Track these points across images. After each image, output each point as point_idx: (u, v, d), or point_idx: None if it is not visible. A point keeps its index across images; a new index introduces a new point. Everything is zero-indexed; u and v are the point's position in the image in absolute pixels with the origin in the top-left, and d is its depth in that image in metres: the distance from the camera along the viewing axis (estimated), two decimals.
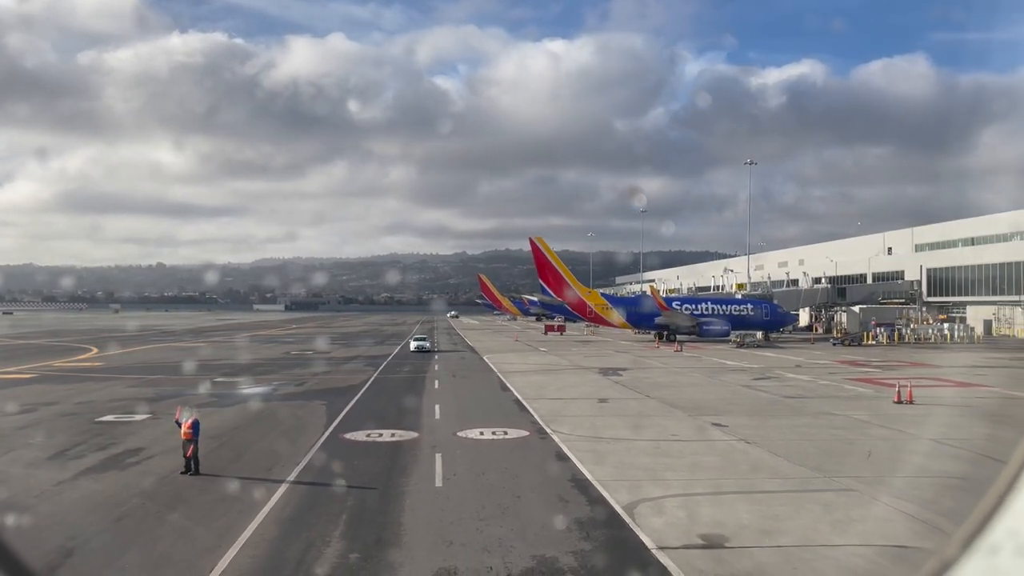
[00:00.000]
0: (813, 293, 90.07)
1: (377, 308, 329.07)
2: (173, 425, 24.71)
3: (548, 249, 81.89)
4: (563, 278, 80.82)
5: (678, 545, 12.85)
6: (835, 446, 21.68)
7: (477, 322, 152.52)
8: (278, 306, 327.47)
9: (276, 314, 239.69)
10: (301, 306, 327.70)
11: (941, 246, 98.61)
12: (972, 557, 2.16)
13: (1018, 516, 2.13)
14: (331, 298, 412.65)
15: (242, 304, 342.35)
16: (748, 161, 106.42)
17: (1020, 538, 2.10)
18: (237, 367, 48.11)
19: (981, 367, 46.89)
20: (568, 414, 27.76)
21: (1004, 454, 14.36)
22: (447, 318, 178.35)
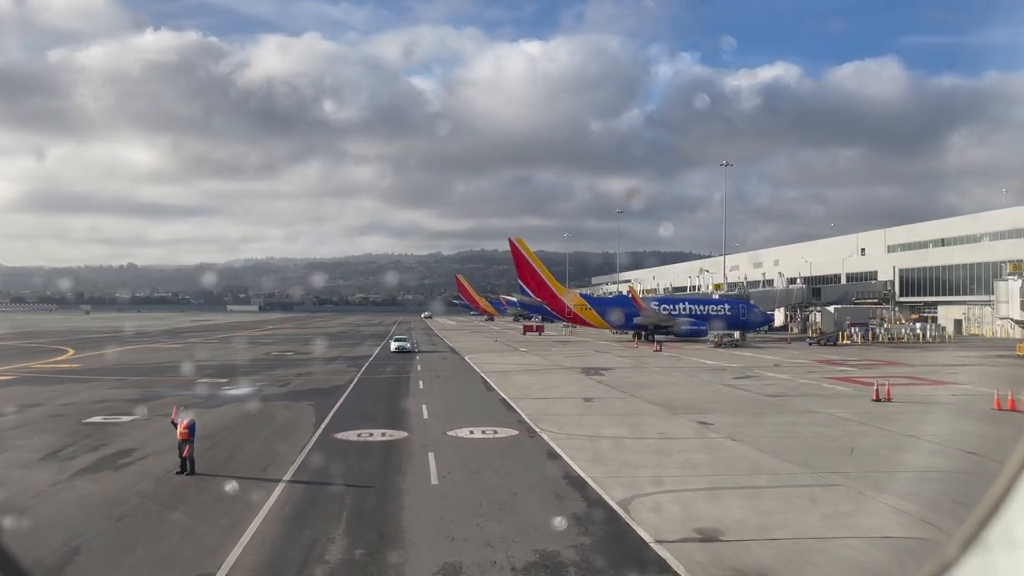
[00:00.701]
0: (788, 293, 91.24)
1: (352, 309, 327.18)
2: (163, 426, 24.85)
3: (527, 250, 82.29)
4: (542, 278, 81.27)
5: (675, 539, 13.19)
6: (819, 443, 22.19)
7: (454, 323, 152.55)
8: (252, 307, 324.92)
9: (251, 315, 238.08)
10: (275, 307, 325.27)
11: (912, 247, 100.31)
12: (970, 558, 2.16)
13: (1015, 518, 2.12)
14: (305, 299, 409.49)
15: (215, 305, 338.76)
16: (723, 163, 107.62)
17: (1017, 539, 2.09)
18: (219, 368, 47.98)
19: (953, 366, 47.88)
20: (555, 413, 28.09)
21: (979, 448, 15.02)
22: (422, 318, 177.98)
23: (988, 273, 76.81)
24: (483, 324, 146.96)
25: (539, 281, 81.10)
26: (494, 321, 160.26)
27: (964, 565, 2.18)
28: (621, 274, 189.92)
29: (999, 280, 60.10)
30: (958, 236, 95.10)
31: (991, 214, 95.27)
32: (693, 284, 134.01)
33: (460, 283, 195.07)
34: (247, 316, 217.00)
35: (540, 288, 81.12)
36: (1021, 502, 2.12)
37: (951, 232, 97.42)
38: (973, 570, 2.16)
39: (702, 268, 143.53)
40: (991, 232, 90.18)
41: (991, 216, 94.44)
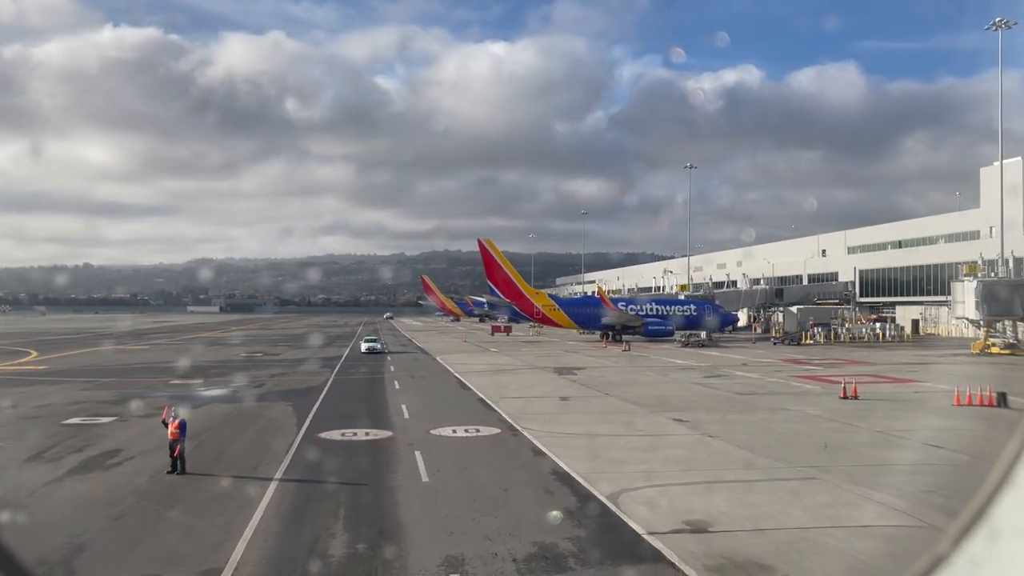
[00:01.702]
0: (752, 294, 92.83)
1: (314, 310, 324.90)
2: (145, 426, 25.02)
3: (496, 250, 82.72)
4: (511, 279, 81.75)
5: (666, 530, 13.72)
6: (793, 439, 22.95)
7: (420, 323, 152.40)
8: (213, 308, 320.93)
9: (212, 316, 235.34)
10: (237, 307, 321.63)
11: (872, 248, 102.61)
12: (962, 552, 2.19)
13: (1007, 513, 2.16)
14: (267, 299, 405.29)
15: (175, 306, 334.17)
16: (688, 165, 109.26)
17: (1007, 534, 2.13)
18: (189, 369, 47.64)
19: (913, 364, 49.30)
20: (534, 412, 28.53)
21: (943, 442, 15.80)
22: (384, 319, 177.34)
23: (944, 274, 78.92)
24: (449, 325, 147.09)
25: (508, 282, 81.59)
26: (460, 322, 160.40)
27: (956, 560, 2.20)
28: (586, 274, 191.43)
29: (955, 281, 61.87)
30: (915, 238, 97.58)
31: (946, 217, 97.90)
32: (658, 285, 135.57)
33: (426, 283, 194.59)
34: (209, 317, 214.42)
35: (509, 289, 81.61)
36: (1012, 498, 2.16)
37: (908, 234, 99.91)
38: (965, 565, 2.17)
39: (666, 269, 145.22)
40: (946, 234, 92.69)
41: (946, 219, 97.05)
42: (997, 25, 62.75)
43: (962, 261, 68.75)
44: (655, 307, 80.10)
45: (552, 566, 12.02)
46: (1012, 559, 2.12)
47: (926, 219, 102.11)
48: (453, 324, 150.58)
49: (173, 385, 38.37)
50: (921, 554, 2.36)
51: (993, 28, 63.02)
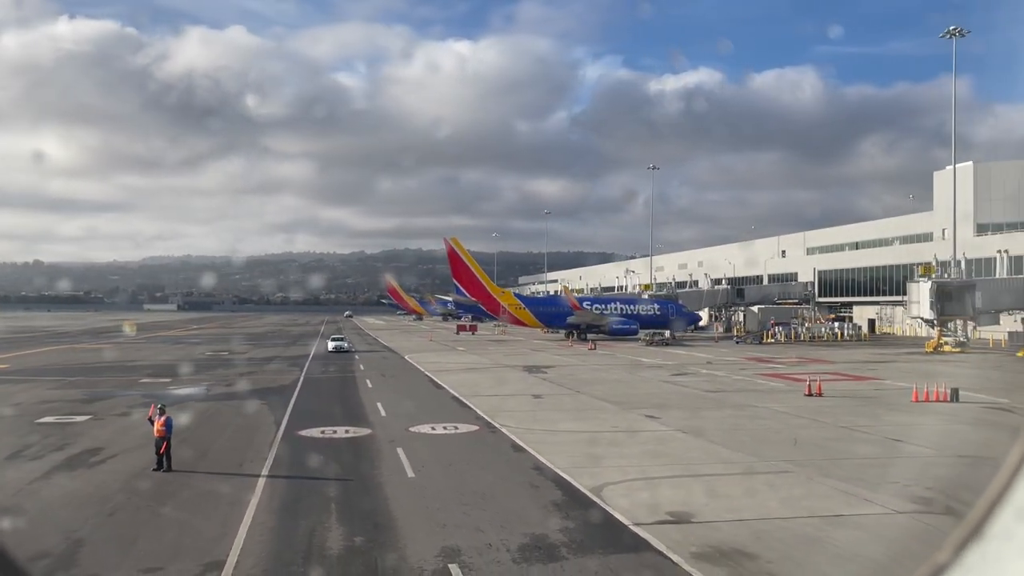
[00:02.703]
0: (714, 294, 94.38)
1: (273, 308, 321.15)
2: (122, 425, 25.06)
3: (463, 250, 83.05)
4: (477, 278, 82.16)
5: (651, 521, 14.28)
6: (763, 434, 23.74)
7: (383, 322, 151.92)
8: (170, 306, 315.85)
9: (170, 314, 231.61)
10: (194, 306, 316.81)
11: (830, 249, 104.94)
12: (963, 561, 2.19)
13: (1010, 522, 2.15)
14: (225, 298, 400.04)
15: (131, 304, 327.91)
16: (651, 166, 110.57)
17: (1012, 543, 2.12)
18: (157, 368, 47.34)
19: (872, 362, 50.74)
20: (509, 409, 28.99)
21: (904, 436, 16.70)
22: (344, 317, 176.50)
23: (899, 275, 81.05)
24: (412, 324, 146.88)
25: (474, 281, 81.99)
26: (423, 320, 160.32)
27: (956, 569, 2.20)
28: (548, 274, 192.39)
29: (911, 282, 63.67)
30: (871, 239, 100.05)
31: (901, 219, 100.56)
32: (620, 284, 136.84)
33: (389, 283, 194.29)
34: (167, 315, 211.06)
35: (475, 288, 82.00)
36: (1014, 507, 2.16)
37: (865, 235, 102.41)
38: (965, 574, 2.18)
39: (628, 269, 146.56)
40: (901, 236, 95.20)
41: (901, 221, 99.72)
42: (951, 33, 64.64)
43: (916, 262, 70.77)
44: (620, 307, 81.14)
45: (546, 555, 12.49)
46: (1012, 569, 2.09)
47: (882, 221, 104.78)
48: (416, 323, 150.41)
49: (143, 384, 38.11)
50: (921, 563, 2.36)
51: (947, 36, 64.91)
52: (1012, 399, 31.80)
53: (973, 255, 71.09)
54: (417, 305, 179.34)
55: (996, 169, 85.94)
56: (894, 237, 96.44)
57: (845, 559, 12.30)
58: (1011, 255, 71.29)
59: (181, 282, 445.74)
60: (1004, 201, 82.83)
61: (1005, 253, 71.79)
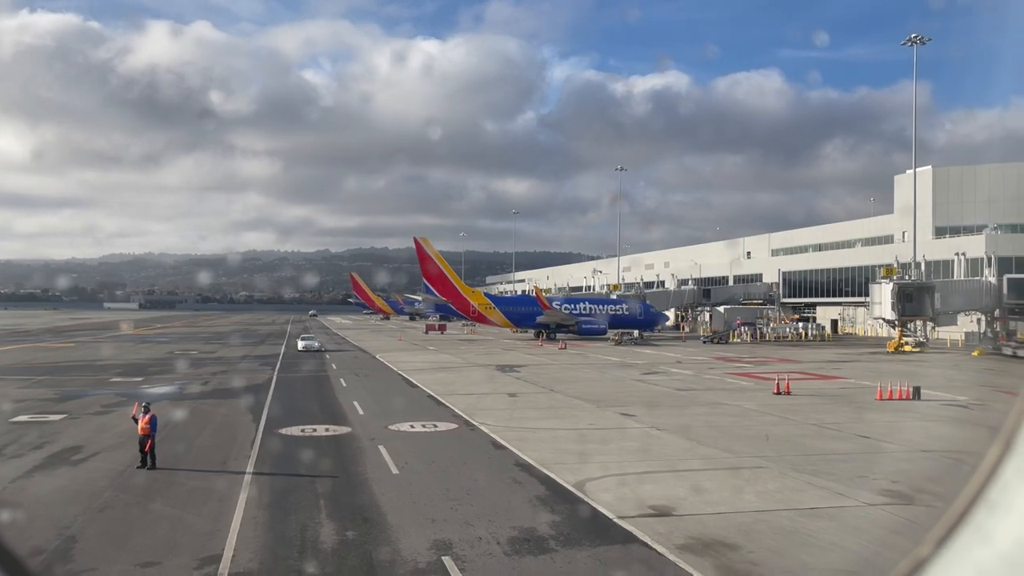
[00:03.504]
0: (681, 294, 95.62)
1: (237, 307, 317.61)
2: (99, 423, 25.03)
3: (432, 249, 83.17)
4: (447, 277, 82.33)
5: (634, 515, 14.75)
6: (736, 431, 24.37)
7: (350, 321, 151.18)
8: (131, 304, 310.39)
9: (131, 313, 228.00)
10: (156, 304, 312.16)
11: (794, 251, 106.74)
12: (944, 555, 2.22)
13: (990, 516, 2.17)
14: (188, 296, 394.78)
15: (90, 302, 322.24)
16: (618, 167, 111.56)
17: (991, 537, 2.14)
18: (127, 367, 46.92)
19: (836, 362, 51.89)
20: (485, 408, 29.35)
21: (871, 433, 17.46)
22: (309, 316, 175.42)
23: (860, 276, 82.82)
24: (380, 323, 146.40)
25: (444, 280, 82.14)
26: (390, 320, 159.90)
27: (938, 562, 2.23)
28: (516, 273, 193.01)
29: (874, 283, 65.07)
30: (834, 241, 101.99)
31: (862, 222, 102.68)
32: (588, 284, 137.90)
33: (355, 281, 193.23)
34: (128, 314, 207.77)
35: (445, 287, 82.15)
36: (993, 500, 2.18)
37: (828, 238, 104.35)
38: (947, 567, 2.20)
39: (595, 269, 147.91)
40: (863, 238, 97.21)
41: (863, 223, 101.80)
42: (912, 41, 66.23)
43: (877, 264, 72.39)
44: (589, 307, 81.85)
45: (535, 548, 12.89)
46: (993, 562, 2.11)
47: (844, 224, 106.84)
48: (384, 322, 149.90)
49: (114, 383, 37.82)
50: (903, 557, 2.40)
51: (908, 44, 66.50)
52: (969, 397, 32.91)
53: (932, 257, 72.82)
54: (384, 304, 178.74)
55: (954, 173, 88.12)
56: (856, 239, 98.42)
57: (822, 549, 12.86)
58: (968, 257, 73.20)
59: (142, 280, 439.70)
60: (961, 205, 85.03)
61: (962, 256, 73.71)
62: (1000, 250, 68.29)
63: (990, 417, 27.61)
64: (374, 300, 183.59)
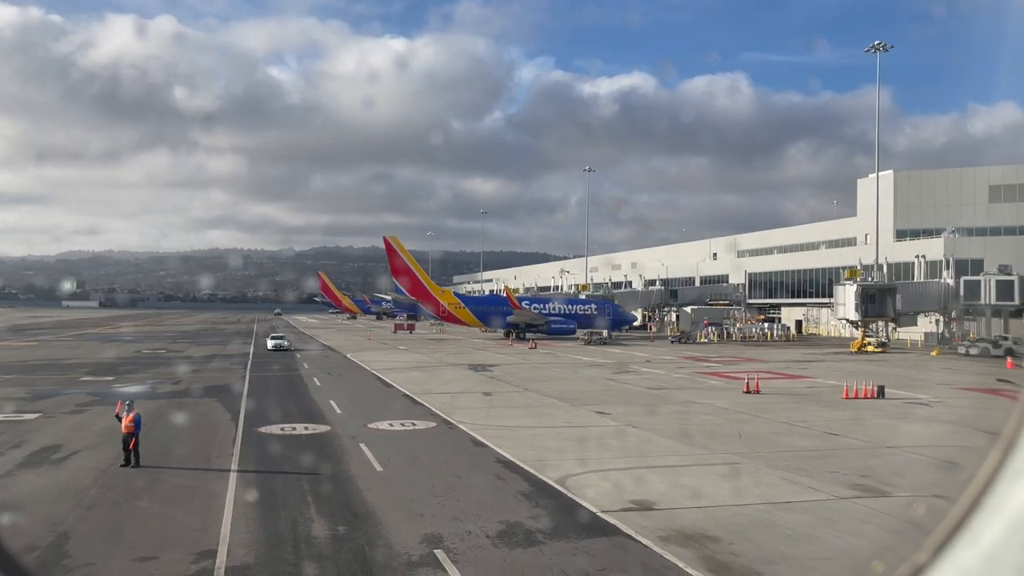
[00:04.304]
0: (648, 294, 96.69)
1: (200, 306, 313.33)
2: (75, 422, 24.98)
3: (402, 248, 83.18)
4: (417, 277, 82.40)
5: (617, 509, 15.20)
6: (710, 428, 24.97)
7: (316, 320, 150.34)
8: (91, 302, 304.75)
9: (92, 311, 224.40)
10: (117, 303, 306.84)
11: (759, 253, 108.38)
12: (941, 563, 2.21)
13: (985, 523, 2.17)
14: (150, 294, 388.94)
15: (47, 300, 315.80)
16: (586, 168, 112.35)
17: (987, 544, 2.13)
18: (96, 366, 46.45)
19: (802, 362, 52.97)
20: (462, 406, 29.66)
21: (839, 431, 18.18)
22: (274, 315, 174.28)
23: (824, 278, 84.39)
24: (347, 322, 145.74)
25: (414, 280, 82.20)
26: (357, 319, 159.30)
27: (936, 569, 2.22)
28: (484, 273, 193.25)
29: (838, 285, 66.55)
30: (799, 243, 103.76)
31: (826, 224, 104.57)
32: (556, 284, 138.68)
33: (323, 280, 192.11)
34: (89, 312, 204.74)
35: (415, 286, 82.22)
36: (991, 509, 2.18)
37: (792, 239, 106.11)
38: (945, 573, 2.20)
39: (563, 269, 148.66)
40: (827, 240, 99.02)
41: (826, 226, 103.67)
42: (875, 48, 67.77)
43: (841, 266, 73.96)
44: (558, 306, 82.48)
45: (524, 540, 13.28)
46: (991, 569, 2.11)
47: (809, 226, 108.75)
48: (351, 322, 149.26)
49: (84, 382, 37.50)
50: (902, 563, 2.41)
51: (872, 51, 68.04)
52: (930, 395, 33.98)
53: (894, 259, 74.57)
54: (351, 304, 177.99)
55: (914, 177, 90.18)
56: (820, 241, 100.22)
57: (798, 539, 13.41)
58: (928, 260, 75.05)
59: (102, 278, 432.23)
60: (921, 208, 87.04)
61: (922, 258, 75.53)
62: (958, 253, 70.08)
63: (950, 414, 28.63)
64: (341, 299, 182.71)
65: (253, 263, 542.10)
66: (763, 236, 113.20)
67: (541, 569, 11.94)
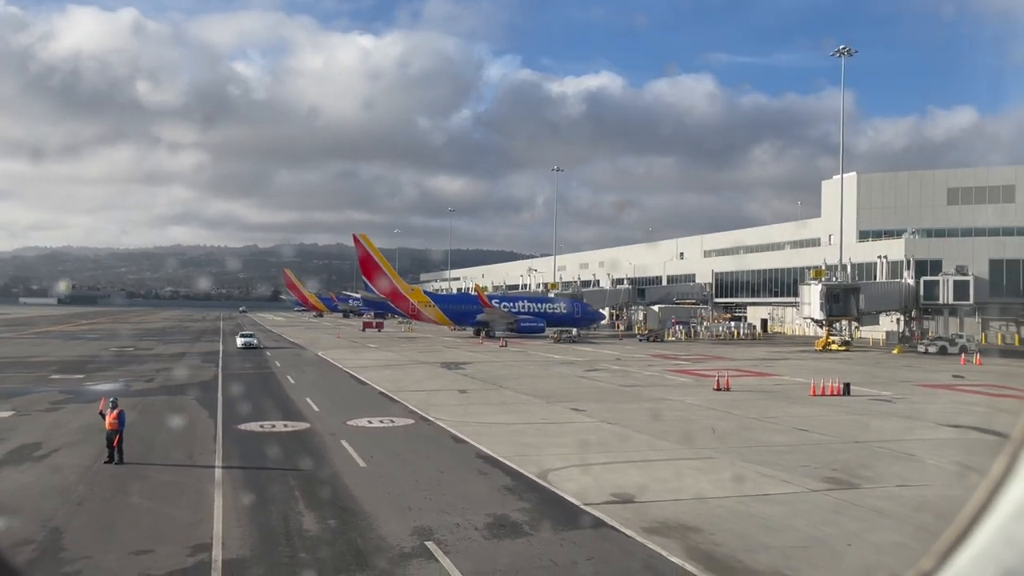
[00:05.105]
0: (617, 293, 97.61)
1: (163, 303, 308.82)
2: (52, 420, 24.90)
3: (372, 246, 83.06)
4: (387, 275, 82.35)
5: (599, 502, 15.65)
6: (683, 424, 25.56)
7: (282, 318, 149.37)
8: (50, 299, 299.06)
9: (51, 308, 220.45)
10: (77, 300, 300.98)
11: (726, 252, 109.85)
12: (948, 570, 2.20)
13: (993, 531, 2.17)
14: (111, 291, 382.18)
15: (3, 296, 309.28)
16: (554, 168, 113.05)
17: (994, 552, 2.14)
18: (63, 364, 45.96)
19: (769, 360, 54.00)
20: (438, 404, 29.95)
21: (809, 427, 18.88)
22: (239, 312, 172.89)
23: (789, 277, 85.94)
24: (313, 320, 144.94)
25: (384, 278, 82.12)
26: (323, 317, 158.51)
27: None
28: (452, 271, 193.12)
29: (803, 284, 67.87)
30: (764, 243, 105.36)
31: (791, 225, 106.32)
32: (524, 283, 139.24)
33: (288, 277, 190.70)
34: (49, 310, 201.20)
35: (385, 284, 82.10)
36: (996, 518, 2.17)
37: (758, 240, 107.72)
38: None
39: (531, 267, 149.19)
40: (791, 240, 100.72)
41: (791, 227, 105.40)
42: (840, 52, 69.17)
43: (805, 266, 75.37)
44: (527, 304, 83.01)
45: (512, 532, 13.67)
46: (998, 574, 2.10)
47: (774, 226, 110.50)
48: (317, 320, 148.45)
49: (55, 380, 37.14)
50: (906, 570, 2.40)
51: (836, 55, 69.44)
52: (893, 392, 34.96)
53: (857, 260, 76.15)
54: (317, 301, 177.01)
55: (876, 179, 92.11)
56: (785, 241, 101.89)
57: (776, 529, 13.95)
58: (889, 260, 76.69)
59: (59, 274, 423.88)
60: (883, 209, 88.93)
61: (884, 259, 77.16)
62: (917, 253, 71.78)
63: (912, 409, 29.57)
64: (307, 297, 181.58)
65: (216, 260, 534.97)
66: (729, 236, 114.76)
67: (531, 558, 12.34)
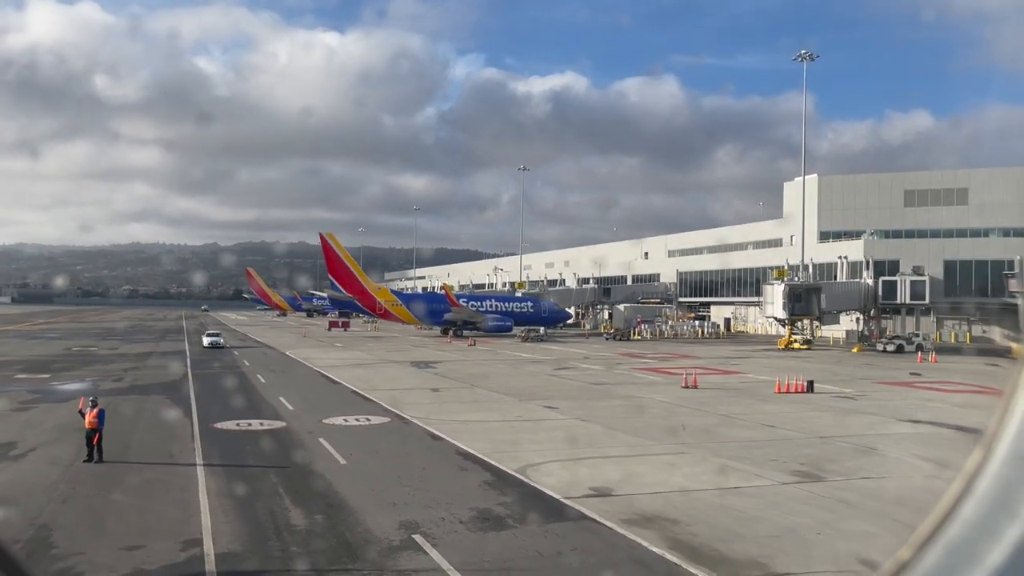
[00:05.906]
0: (583, 292, 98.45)
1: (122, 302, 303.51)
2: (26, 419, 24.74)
3: (339, 245, 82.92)
4: (354, 274, 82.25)
5: (578, 495, 16.12)
6: (654, 421, 26.18)
7: (245, 317, 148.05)
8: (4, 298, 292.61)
9: (5, 307, 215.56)
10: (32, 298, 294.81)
11: (690, 252, 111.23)
12: (925, 558, 2.25)
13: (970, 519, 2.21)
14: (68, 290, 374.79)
15: None
16: (521, 167, 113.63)
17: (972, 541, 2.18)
18: (27, 363, 45.37)
19: (734, 358, 54.98)
20: (412, 402, 30.20)
21: (775, 423, 19.62)
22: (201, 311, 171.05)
23: (752, 277, 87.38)
24: (277, 319, 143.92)
25: (350, 277, 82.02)
26: (287, 316, 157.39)
27: (919, 566, 2.24)
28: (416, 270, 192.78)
29: (766, 284, 69.18)
30: (727, 244, 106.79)
31: (754, 225, 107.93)
32: (491, 282, 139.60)
33: (251, 276, 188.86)
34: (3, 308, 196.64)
35: (351, 284, 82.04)
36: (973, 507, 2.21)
37: (721, 240, 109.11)
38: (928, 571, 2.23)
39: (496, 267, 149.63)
40: (754, 241, 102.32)
41: (754, 227, 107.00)
42: (802, 57, 70.54)
43: (768, 266, 76.74)
44: (496, 304, 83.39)
45: (496, 525, 14.09)
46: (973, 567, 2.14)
47: (737, 227, 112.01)
48: (281, 319, 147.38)
49: (21, 380, 36.72)
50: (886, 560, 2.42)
51: (799, 60, 70.83)
52: (854, 389, 35.97)
53: (818, 260, 77.69)
54: (281, 300, 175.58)
55: (836, 181, 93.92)
56: (748, 242, 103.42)
57: (749, 520, 14.53)
58: (849, 261, 78.36)
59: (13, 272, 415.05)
60: (843, 211, 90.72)
61: (844, 259, 78.80)
62: (876, 254, 73.48)
63: (872, 406, 30.51)
64: (271, 296, 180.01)
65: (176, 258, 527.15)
66: (693, 236, 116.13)
67: (517, 549, 12.76)
